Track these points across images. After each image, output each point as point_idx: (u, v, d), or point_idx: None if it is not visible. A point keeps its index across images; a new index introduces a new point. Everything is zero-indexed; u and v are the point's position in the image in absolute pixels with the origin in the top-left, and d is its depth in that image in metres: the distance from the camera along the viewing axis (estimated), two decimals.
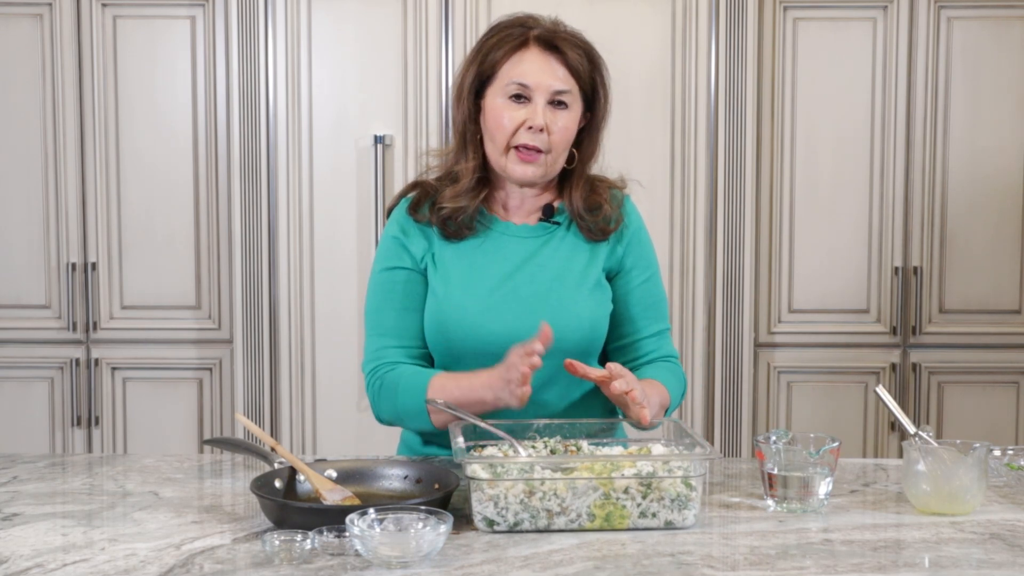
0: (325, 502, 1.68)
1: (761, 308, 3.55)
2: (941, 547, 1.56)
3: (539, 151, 1.93)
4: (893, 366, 3.57)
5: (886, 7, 3.50)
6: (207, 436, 3.55)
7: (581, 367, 1.83)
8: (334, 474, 1.77)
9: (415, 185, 2.05)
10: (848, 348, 3.57)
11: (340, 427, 3.44)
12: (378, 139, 3.39)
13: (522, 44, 1.94)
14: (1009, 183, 3.54)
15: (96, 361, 3.56)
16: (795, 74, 3.51)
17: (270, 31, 3.40)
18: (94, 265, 3.54)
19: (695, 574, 1.45)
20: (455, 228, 1.98)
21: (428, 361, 2.00)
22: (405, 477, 1.77)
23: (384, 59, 3.39)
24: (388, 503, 1.63)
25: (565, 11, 3.38)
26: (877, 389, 1.84)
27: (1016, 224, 3.55)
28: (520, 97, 1.93)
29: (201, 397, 3.56)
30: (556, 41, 1.93)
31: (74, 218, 3.53)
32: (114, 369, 3.58)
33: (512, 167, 1.94)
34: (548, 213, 2.01)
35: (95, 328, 3.56)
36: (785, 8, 3.50)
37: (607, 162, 2.05)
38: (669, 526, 1.62)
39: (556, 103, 1.93)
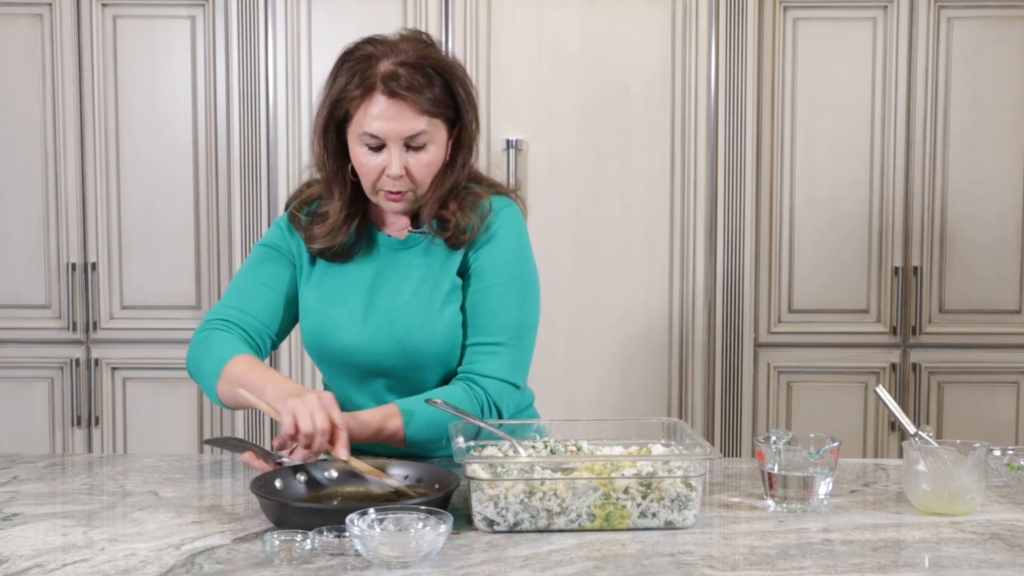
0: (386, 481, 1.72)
1: (761, 308, 3.55)
2: (941, 547, 1.56)
3: (403, 192, 1.93)
4: (893, 366, 3.57)
5: (886, 7, 3.50)
6: (207, 436, 3.55)
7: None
8: (335, 474, 1.77)
9: (309, 184, 2.07)
10: (848, 348, 3.57)
11: None
12: None
13: (369, 90, 1.88)
14: (1009, 183, 3.54)
15: (96, 361, 3.56)
16: (795, 74, 3.51)
17: (270, 31, 3.40)
18: (94, 265, 3.54)
19: (695, 574, 1.45)
20: (330, 256, 2.00)
21: (265, 338, 2.02)
22: (405, 477, 1.77)
23: None
24: (388, 503, 1.63)
25: (565, 11, 3.41)
26: (877, 389, 1.84)
27: (1016, 224, 3.55)
28: (376, 146, 1.90)
29: (201, 397, 3.56)
30: (399, 90, 1.87)
31: (74, 218, 3.53)
32: (114, 369, 3.57)
33: (384, 204, 1.95)
34: (416, 223, 2.00)
35: (95, 328, 3.56)
36: (785, 8, 3.50)
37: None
38: (669, 526, 1.62)
39: (413, 147, 1.90)
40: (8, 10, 3.50)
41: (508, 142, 3.39)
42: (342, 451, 1.73)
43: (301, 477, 1.74)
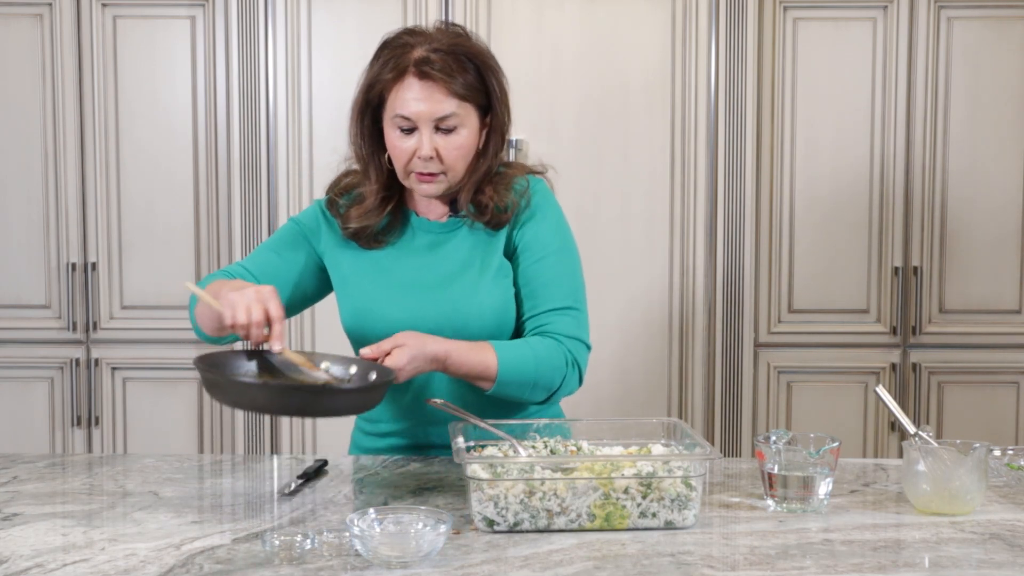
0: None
1: (761, 308, 3.55)
2: (941, 547, 1.56)
3: (435, 174, 1.95)
4: (893, 366, 3.57)
5: (886, 7, 3.50)
6: (207, 436, 3.56)
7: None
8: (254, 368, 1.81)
9: (347, 174, 2.09)
10: (848, 348, 3.57)
11: (340, 426, 3.43)
12: None
13: (402, 73, 1.92)
14: (1009, 183, 3.54)
15: (96, 361, 3.56)
16: (795, 74, 3.51)
17: (270, 31, 3.40)
18: (94, 265, 3.54)
19: (695, 574, 1.45)
20: (366, 241, 2.03)
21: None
22: (344, 369, 1.81)
23: None
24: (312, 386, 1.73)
25: (565, 11, 3.41)
26: (877, 389, 1.84)
27: (1016, 224, 3.55)
28: (408, 128, 1.94)
29: (201, 397, 3.56)
30: (432, 72, 1.91)
31: (74, 218, 3.53)
32: (114, 369, 3.58)
33: (416, 187, 1.98)
34: (455, 209, 2.04)
35: (95, 328, 3.56)
36: (785, 8, 3.50)
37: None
38: (669, 526, 1.62)
39: (443, 129, 1.94)
40: (8, 10, 3.50)
41: (508, 142, 3.38)
42: (276, 343, 1.73)
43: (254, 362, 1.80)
